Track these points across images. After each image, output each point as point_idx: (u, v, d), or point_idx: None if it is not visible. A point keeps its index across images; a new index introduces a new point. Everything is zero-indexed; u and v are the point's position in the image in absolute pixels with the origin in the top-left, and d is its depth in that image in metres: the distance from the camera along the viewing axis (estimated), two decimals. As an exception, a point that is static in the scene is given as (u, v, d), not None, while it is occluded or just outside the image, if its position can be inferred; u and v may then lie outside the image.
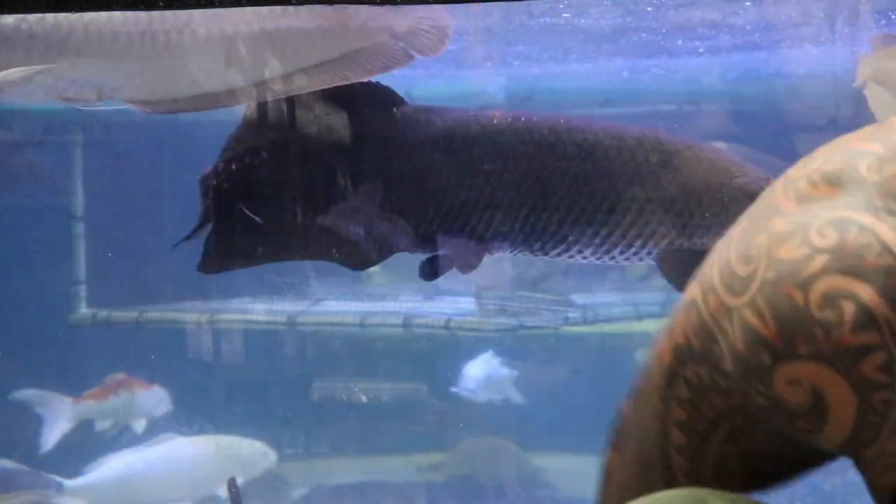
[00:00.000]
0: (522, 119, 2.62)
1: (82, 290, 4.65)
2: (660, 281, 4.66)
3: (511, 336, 4.59)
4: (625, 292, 4.60)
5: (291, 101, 2.52)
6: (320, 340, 4.77)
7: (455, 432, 4.59)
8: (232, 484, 3.36)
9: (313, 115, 2.58)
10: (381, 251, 2.61)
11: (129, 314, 4.52)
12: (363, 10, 2.29)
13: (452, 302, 4.65)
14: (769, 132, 4.33)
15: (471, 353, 4.64)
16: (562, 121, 2.65)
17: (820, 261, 1.01)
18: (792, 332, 1.01)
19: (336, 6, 2.32)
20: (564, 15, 3.92)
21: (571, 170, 2.57)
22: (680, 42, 4.26)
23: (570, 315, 4.41)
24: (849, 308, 1.00)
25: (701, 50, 4.32)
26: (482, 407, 4.54)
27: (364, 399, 4.65)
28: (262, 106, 2.52)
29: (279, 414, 4.52)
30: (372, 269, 5.04)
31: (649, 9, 3.84)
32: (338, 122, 2.58)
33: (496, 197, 2.58)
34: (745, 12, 3.91)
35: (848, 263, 1.01)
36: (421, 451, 4.56)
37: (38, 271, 4.68)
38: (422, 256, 2.71)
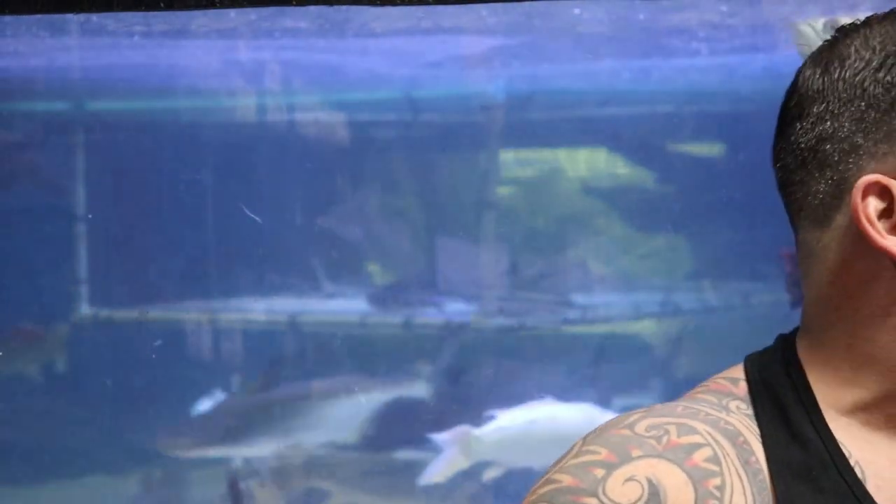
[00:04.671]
0: None
1: (83, 290, 4.66)
2: (660, 281, 4.68)
3: (511, 336, 4.60)
4: (625, 292, 4.61)
5: None
6: (320, 340, 4.78)
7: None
8: (233, 484, 3.37)
9: None
10: None
11: (131, 314, 4.53)
12: None
13: (452, 302, 4.66)
14: (768, 133, 4.34)
15: (471, 354, 4.65)
16: None
17: None
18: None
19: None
20: (564, 16, 3.93)
21: None
22: (679, 43, 4.27)
23: (570, 315, 4.42)
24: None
25: (700, 51, 4.33)
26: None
27: (363, 399, 4.65)
28: None
29: (279, 413, 4.53)
30: (372, 268, 5.06)
31: (648, 10, 3.85)
32: None
33: None
34: (744, 14, 3.92)
35: None
36: (420, 450, 4.56)
37: (38, 271, 4.69)
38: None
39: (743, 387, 1.20)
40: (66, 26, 4.10)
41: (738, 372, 1.22)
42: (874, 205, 1.14)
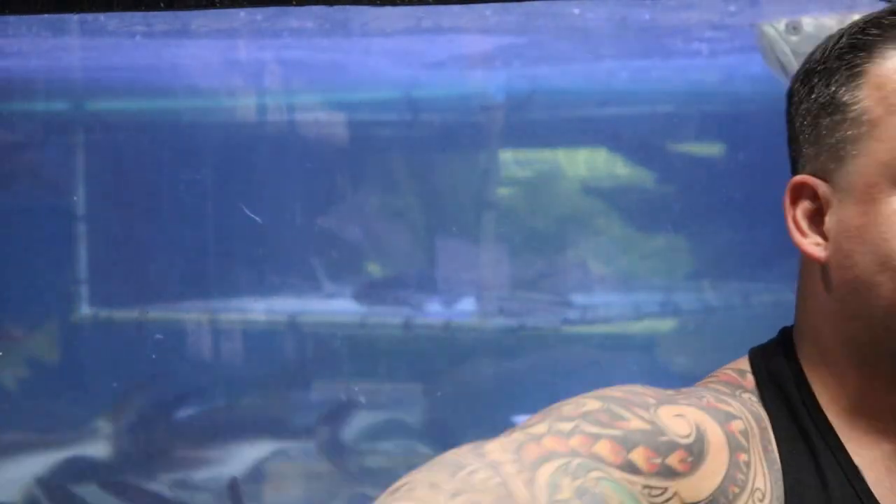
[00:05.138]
0: None
1: (83, 290, 4.66)
2: (660, 281, 4.68)
3: (511, 336, 4.60)
4: (624, 292, 4.61)
5: None
6: (320, 340, 4.78)
7: (454, 432, 4.60)
8: (233, 484, 3.37)
9: None
10: None
11: (131, 313, 4.53)
12: None
13: (452, 302, 4.66)
14: (768, 133, 4.34)
15: (471, 354, 4.65)
16: None
17: None
18: None
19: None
20: (565, 16, 3.93)
21: None
22: (679, 43, 4.27)
23: (570, 315, 4.42)
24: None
25: (700, 51, 4.33)
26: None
27: (363, 399, 4.66)
28: None
29: (279, 413, 4.53)
30: (372, 268, 5.06)
31: (649, 10, 3.85)
32: None
33: None
34: (744, 14, 3.92)
35: None
36: (420, 448, 4.57)
37: (38, 271, 4.70)
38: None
39: (750, 379, 1.22)
40: (67, 26, 4.10)
41: (744, 364, 1.24)
42: (805, 205, 1.18)
